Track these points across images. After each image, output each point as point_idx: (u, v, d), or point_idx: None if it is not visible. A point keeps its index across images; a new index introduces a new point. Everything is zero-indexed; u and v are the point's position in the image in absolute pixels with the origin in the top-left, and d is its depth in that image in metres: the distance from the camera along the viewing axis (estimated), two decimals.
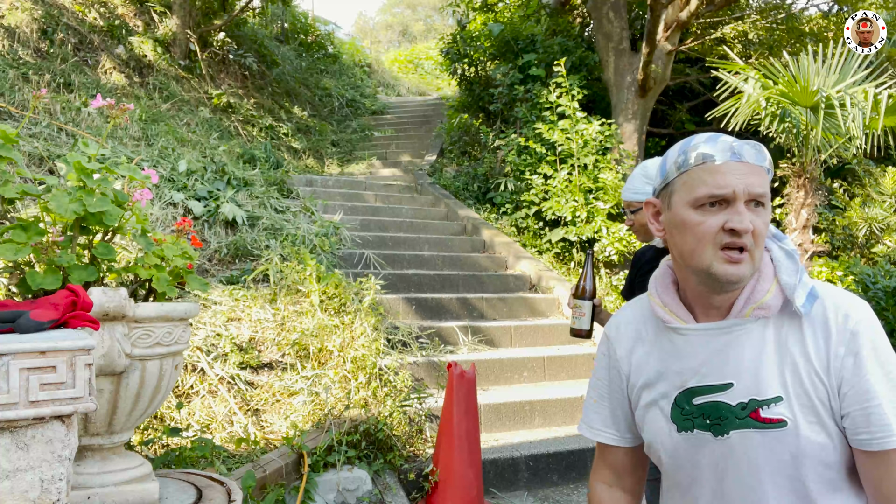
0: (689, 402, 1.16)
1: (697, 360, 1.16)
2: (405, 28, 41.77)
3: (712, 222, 1.10)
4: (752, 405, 1.09)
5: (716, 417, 1.13)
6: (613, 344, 1.32)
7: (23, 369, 1.25)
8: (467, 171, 8.84)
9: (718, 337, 1.14)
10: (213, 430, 3.57)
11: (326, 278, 4.68)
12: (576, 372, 5.10)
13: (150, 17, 9.82)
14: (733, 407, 1.11)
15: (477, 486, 3.45)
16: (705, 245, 1.11)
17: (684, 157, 1.15)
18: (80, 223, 1.89)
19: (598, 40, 8.91)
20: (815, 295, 1.11)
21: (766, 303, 1.11)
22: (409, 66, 20.68)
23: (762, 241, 1.11)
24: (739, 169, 1.10)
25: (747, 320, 1.13)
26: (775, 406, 1.08)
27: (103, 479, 1.88)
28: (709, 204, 1.11)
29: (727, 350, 1.13)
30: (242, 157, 7.66)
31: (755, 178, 1.10)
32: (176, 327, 1.97)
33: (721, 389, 1.13)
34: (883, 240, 8.06)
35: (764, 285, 1.13)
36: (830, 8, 10.43)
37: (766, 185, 1.12)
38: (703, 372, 1.15)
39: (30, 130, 5.50)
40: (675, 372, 1.18)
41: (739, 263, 1.09)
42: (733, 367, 1.12)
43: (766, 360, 1.10)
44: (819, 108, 5.10)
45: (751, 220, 1.08)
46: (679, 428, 1.17)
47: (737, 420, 1.11)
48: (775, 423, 1.08)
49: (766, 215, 1.11)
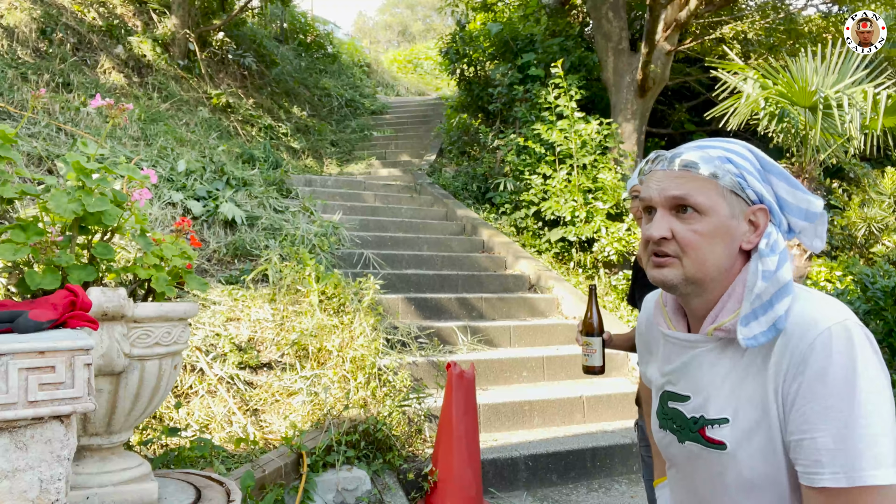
0: (666, 404, 1.20)
1: (672, 367, 1.19)
2: (404, 28, 41.78)
3: (644, 230, 1.13)
4: (701, 422, 1.11)
5: (678, 425, 1.16)
6: (640, 317, 1.40)
7: (21, 369, 1.25)
8: (466, 171, 8.84)
9: (686, 349, 1.16)
10: (212, 430, 3.57)
11: (325, 278, 4.68)
12: (575, 372, 5.10)
13: (149, 17, 9.82)
14: (688, 419, 1.14)
15: (476, 486, 3.45)
16: (643, 253, 1.14)
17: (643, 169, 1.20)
18: (79, 223, 1.89)
19: (598, 40, 8.92)
20: (778, 328, 1.02)
21: (726, 325, 1.08)
22: (408, 66, 20.68)
23: (692, 249, 1.06)
24: (662, 176, 1.10)
25: (709, 339, 1.11)
26: (719, 428, 1.07)
27: (102, 479, 1.88)
28: (647, 212, 1.13)
29: (691, 363, 1.15)
30: (241, 157, 7.66)
31: (674, 182, 1.08)
32: (175, 327, 1.97)
33: (682, 399, 1.16)
34: (882, 240, 8.06)
35: (732, 305, 1.08)
36: (830, 8, 10.44)
37: (695, 191, 1.06)
38: (673, 380, 1.19)
39: (29, 130, 5.50)
40: (663, 372, 1.23)
41: (662, 267, 1.09)
42: (692, 382, 1.14)
43: (721, 381, 1.09)
44: (817, 109, 5.11)
45: (671, 226, 1.08)
46: (660, 425, 1.23)
47: (690, 433, 1.13)
48: (716, 444, 1.08)
49: (702, 223, 1.06)
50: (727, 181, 1.08)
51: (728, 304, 1.09)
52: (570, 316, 5.91)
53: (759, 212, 1.10)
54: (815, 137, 5.16)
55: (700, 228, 1.06)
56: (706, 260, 1.07)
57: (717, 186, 1.07)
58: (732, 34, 10.21)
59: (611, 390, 4.80)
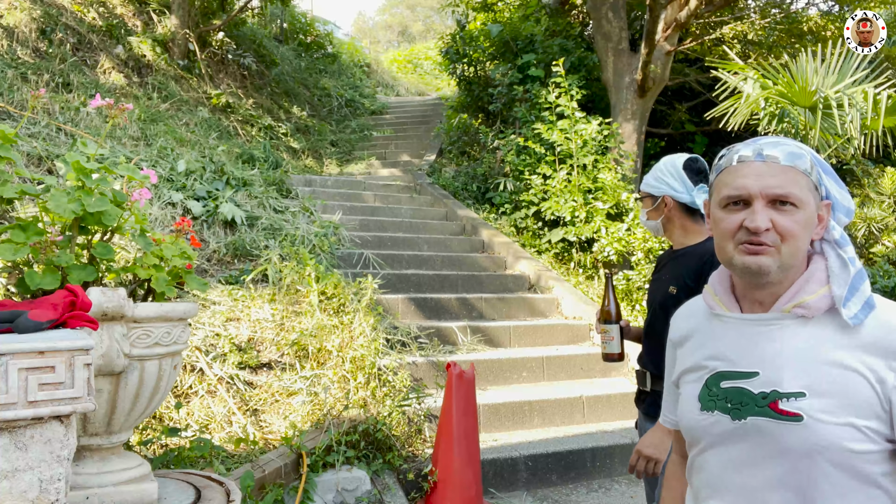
0: (717, 385, 1.21)
1: (731, 347, 1.22)
2: (404, 28, 41.78)
3: (732, 220, 1.17)
4: (772, 396, 1.14)
5: (737, 402, 1.17)
6: (672, 332, 1.40)
7: (21, 369, 1.25)
8: (466, 171, 8.84)
9: (754, 327, 1.20)
10: (211, 430, 3.57)
11: (325, 278, 4.68)
12: (574, 372, 5.10)
13: (149, 17, 9.82)
14: (755, 395, 1.16)
15: (476, 486, 3.45)
16: (727, 241, 1.19)
17: (720, 160, 1.25)
18: (79, 223, 1.89)
19: (598, 40, 8.91)
20: (871, 305, 1.13)
21: (809, 303, 1.15)
22: (408, 66, 20.67)
23: (792, 238, 1.14)
24: (760, 170, 1.16)
25: (786, 316, 1.17)
26: (795, 401, 1.11)
27: (102, 480, 1.88)
28: (732, 203, 1.18)
29: (759, 340, 1.19)
30: (241, 157, 7.66)
31: (776, 178, 1.15)
32: (175, 327, 1.97)
33: (746, 377, 1.18)
34: (882, 240, 8.06)
35: (812, 287, 1.17)
36: (830, 8, 10.44)
37: (794, 185, 1.15)
38: (733, 359, 1.21)
39: (28, 130, 5.50)
40: (711, 356, 1.25)
41: (759, 254, 1.15)
42: (761, 357, 1.17)
43: (797, 355, 1.14)
44: (817, 109, 5.11)
45: (772, 218, 1.14)
46: (702, 407, 1.23)
47: (756, 407, 1.15)
48: (791, 416, 1.11)
49: (799, 214, 1.14)
50: (814, 177, 1.18)
51: (807, 286, 1.17)
52: (570, 316, 5.91)
53: (825, 207, 1.20)
54: (814, 137, 5.16)
55: (797, 219, 1.15)
56: (800, 249, 1.17)
57: (808, 182, 1.17)
58: (732, 34, 10.21)
59: (611, 390, 4.80)
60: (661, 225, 2.34)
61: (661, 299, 2.28)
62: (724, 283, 1.29)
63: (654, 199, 2.32)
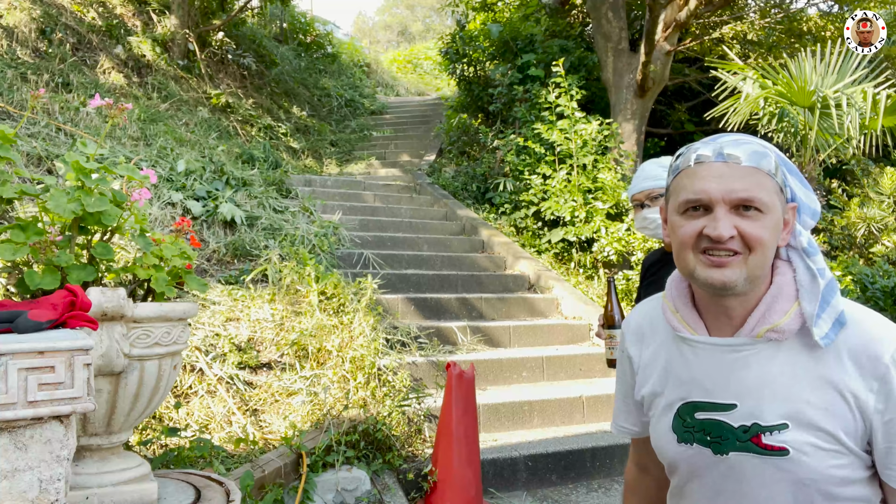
0: (691, 416, 1.12)
1: (703, 374, 1.12)
2: (404, 28, 41.80)
3: (692, 227, 1.06)
4: (753, 429, 1.05)
5: (716, 436, 1.09)
6: (625, 340, 1.30)
7: (21, 369, 1.25)
8: (466, 171, 8.84)
9: (727, 354, 1.10)
10: (211, 430, 3.57)
11: (325, 278, 4.68)
12: (574, 372, 5.11)
13: (149, 17, 9.82)
14: (735, 429, 1.07)
15: (476, 486, 3.45)
16: (686, 251, 1.07)
17: (678, 160, 1.12)
18: (79, 223, 1.89)
19: (597, 40, 8.92)
20: (841, 322, 1.03)
21: (781, 326, 1.05)
22: (407, 66, 20.68)
23: (759, 247, 1.03)
24: (721, 172, 1.04)
25: (758, 341, 1.07)
26: (779, 433, 1.03)
27: (102, 480, 1.88)
28: (691, 209, 1.07)
29: (734, 369, 1.09)
30: (241, 157, 7.66)
31: (739, 181, 1.03)
32: (174, 327, 1.97)
33: (723, 409, 1.09)
34: (881, 240, 8.07)
35: (782, 305, 1.06)
36: (830, 8, 10.45)
37: (758, 188, 1.03)
38: (708, 388, 1.11)
39: (28, 130, 5.50)
40: (681, 382, 1.15)
41: (723, 267, 1.04)
42: (738, 388, 1.08)
43: (775, 384, 1.05)
44: (816, 108, 5.11)
45: (736, 224, 1.03)
46: (679, 439, 1.15)
47: (737, 442, 1.07)
48: (777, 450, 1.04)
49: (765, 220, 1.03)
50: (779, 179, 1.07)
51: (776, 304, 1.06)
52: (570, 316, 5.91)
53: (791, 210, 1.10)
54: (814, 137, 5.17)
55: (764, 225, 1.04)
56: (767, 258, 1.05)
57: (774, 183, 1.06)
58: (732, 34, 10.21)
59: (610, 390, 4.79)
60: None
61: None
62: (684, 295, 1.17)
63: None
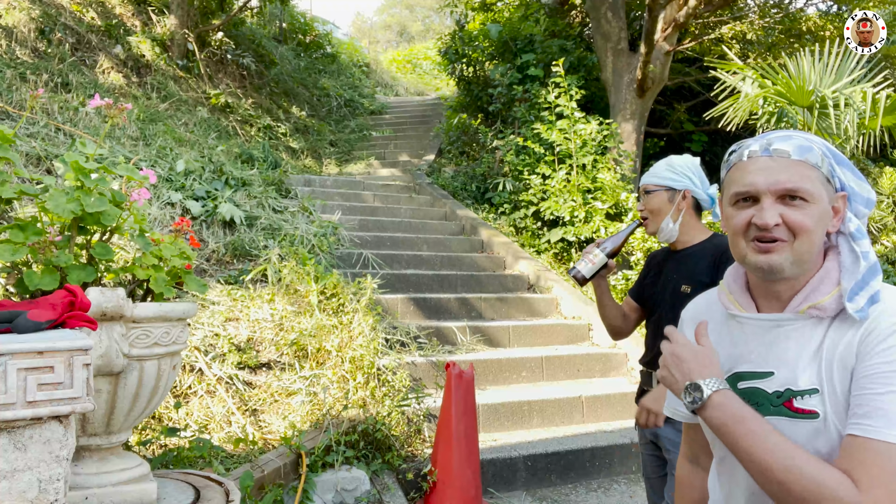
0: (735, 386, 1.21)
1: (748, 348, 1.22)
2: (403, 28, 41.78)
3: (742, 217, 1.17)
4: (786, 394, 1.14)
5: (753, 402, 1.16)
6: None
7: (20, 369, 1.25)
8: (466, 171, 8.83)
9: (770, 328, 1.20)
10: (211, 431, 3.57)
11: (325, 278, 4.68)
12: (574, 372, 5.11)
13: (148, 17, 9.81)
14: (769, 394, 1.16)
15: (475, 486, 3.45)
16: (739, 238, 1.19)
17: (731, 156, 1.24)
18: (78, 223, 1.89)
19: (597, 40, 8.92)
20: (875, 300, 1.11)
21: (823, 304, 1.14)
22: (407, 66, 20.67)
23: (804, 233, 1.13)
24: (768, 165, 1.15)
25: (801, 317, 1.16)
26: (809, 398, 1.11)
27: (101, 480, 1.88)
28: (741, 200, 1.18)
29: (775, 341, 1.18)
30: (240, 157, 7.65)
31: (784, 173, 1.14)
32: (174, 327, 1.97)
33: (762, 377, 1.18)
34: (880, 240, 8.07)
35: (826, 287, 1.15)
36: (829, 8, 10.45)
37: (803, 179, 1.13)
38: (752, 359, 1.21)
39: (27, 130, 5.49)
40: (729, 355, 1.25)
41: (770, 253, 1.14)
42: (776, 358, 1.17)
43: (810, 355, 1.13)
44: (814, 109, 5.12)
45: (782, 213, 1.13)
46: None
47: (771, 407, 1.16)
48: (807, 413, 1.11)
49: (810, 208, 1.13)
50: (825, 170, 1.17)
51: (821, 286, 1.16)
52: (570, 316, 5.91)
53: (840, 199, 1.19)
54: None
55: (809, 213, 1.13)
56: (814, 243, 1.15)
57: (819, 174, 1.16)
58: (731, 34, 10.22)
59: (610, 390, 4.80)
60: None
61: (670, 300, 2.27)
62: (739, 280, 1.29)
63: (672, 193, 2.30)
